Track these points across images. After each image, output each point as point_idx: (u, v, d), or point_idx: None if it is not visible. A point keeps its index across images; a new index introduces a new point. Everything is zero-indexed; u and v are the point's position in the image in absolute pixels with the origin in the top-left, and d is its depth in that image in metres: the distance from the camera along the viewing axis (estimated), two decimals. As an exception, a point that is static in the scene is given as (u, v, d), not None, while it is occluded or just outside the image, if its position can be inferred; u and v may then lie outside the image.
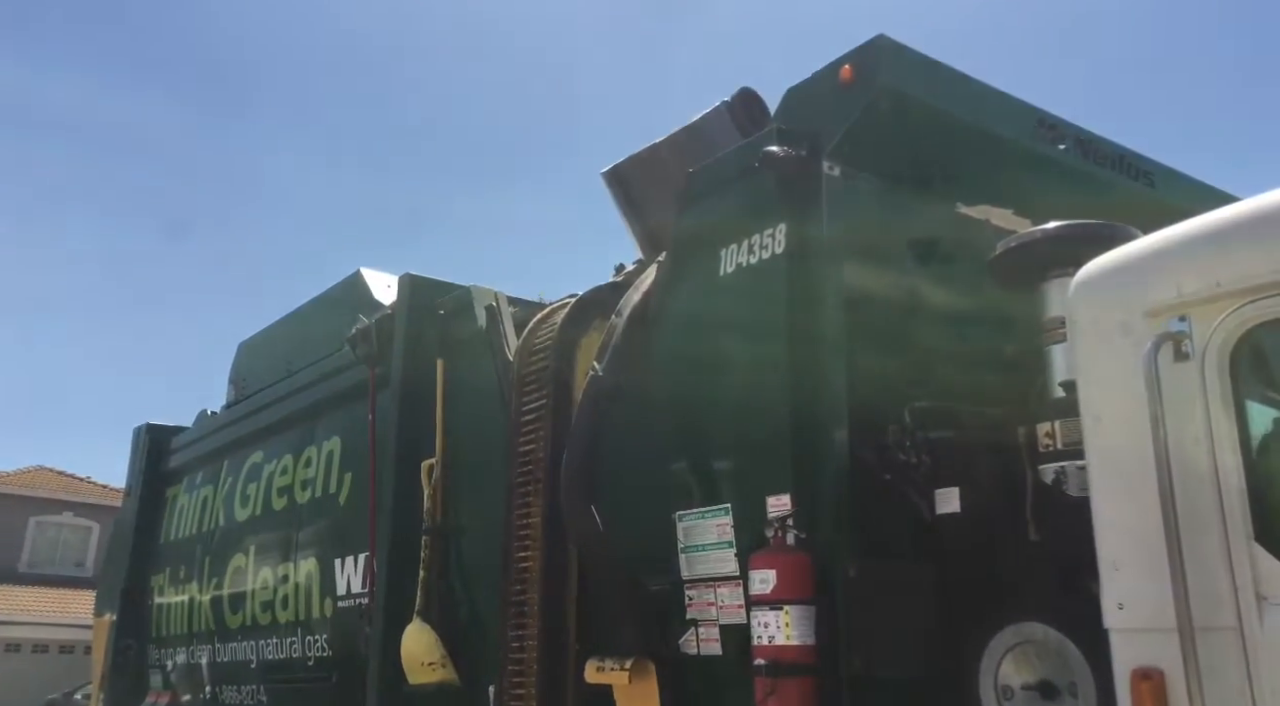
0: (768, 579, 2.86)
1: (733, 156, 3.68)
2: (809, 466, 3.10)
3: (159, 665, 7.05)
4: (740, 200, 3.56)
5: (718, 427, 3.43)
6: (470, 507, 4.70)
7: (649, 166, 4.43)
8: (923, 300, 3.56)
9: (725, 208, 3.63)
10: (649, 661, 3.40)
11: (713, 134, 4.24)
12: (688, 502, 3.43)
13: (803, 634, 2.79)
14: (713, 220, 3.66)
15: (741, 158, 3.58)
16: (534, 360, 4.25)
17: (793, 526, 2.95)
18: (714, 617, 3.25)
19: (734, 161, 3.65)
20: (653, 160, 4.43)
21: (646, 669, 3.39)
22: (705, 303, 3.61)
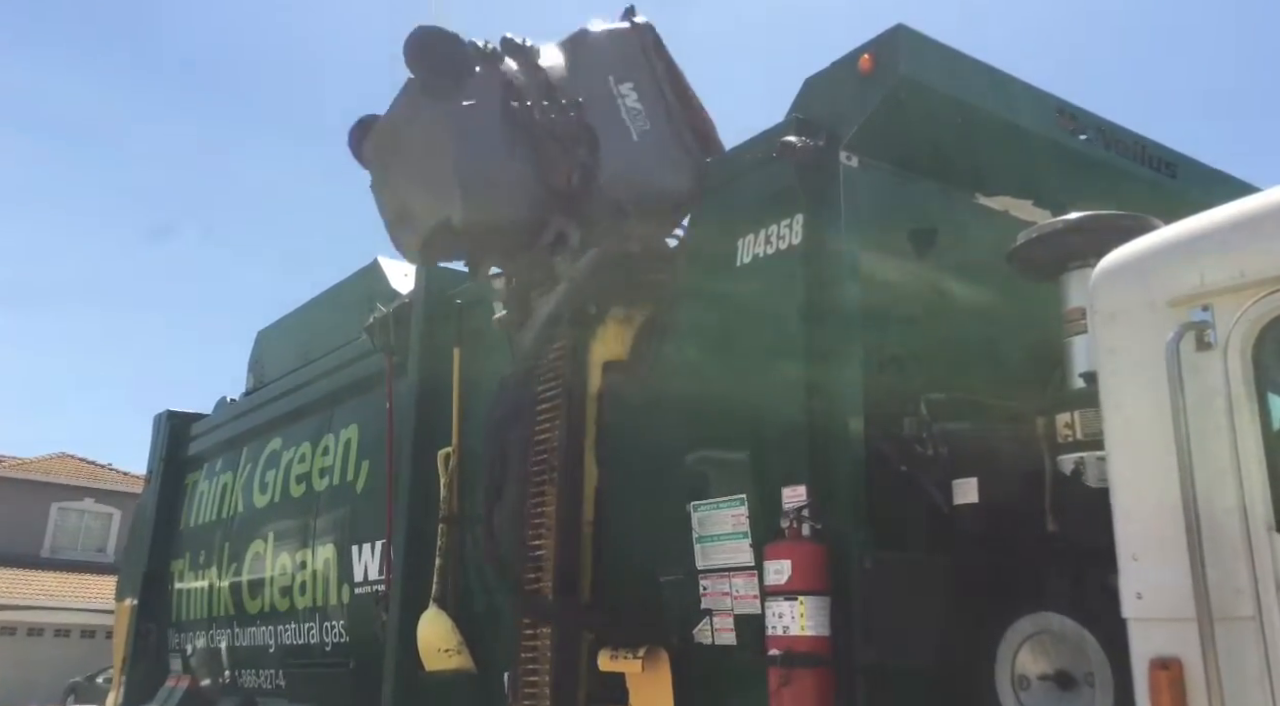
0: (783, 569, 2.86)
1: (751, 145, 3.67)
2: (825, 457, 3.09)
3: (179, 649, 7.12)
4: (757, 190, 3.55)
5: (733, 418, 3.42)
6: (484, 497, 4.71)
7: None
8: (940, 291, 3.54)
9: (742, 198, 3.62)
10: (662, 650, 3.41)
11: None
12: (703, 493, 3.43)
13: (817, 624, 2.79)
14: (730, 210, 3.65)
15: (759, 147, 3.57)
16: (549, 353, 4.22)
17: (808, 517, 2.95)
18: (729, 607, 3.25)
19: (751, 151, 3.64)
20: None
21: (659, 657, 3.40)
22: (722, 294, 3.61)
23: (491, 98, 4.10)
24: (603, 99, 4.26)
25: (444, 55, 4.09)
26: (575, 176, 4.03)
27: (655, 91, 4.36)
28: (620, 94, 4.30)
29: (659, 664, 3.41)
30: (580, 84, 4.27)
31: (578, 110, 4.13)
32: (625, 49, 4.44)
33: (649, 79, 4.39)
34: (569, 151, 4.06)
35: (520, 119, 4.08)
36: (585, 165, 4.04)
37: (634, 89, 4.32)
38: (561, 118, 4.09)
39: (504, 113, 4.08)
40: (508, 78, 4.19)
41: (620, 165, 4.14)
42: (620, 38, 4.49)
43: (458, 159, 4.03)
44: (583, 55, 4.39)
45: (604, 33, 4.50)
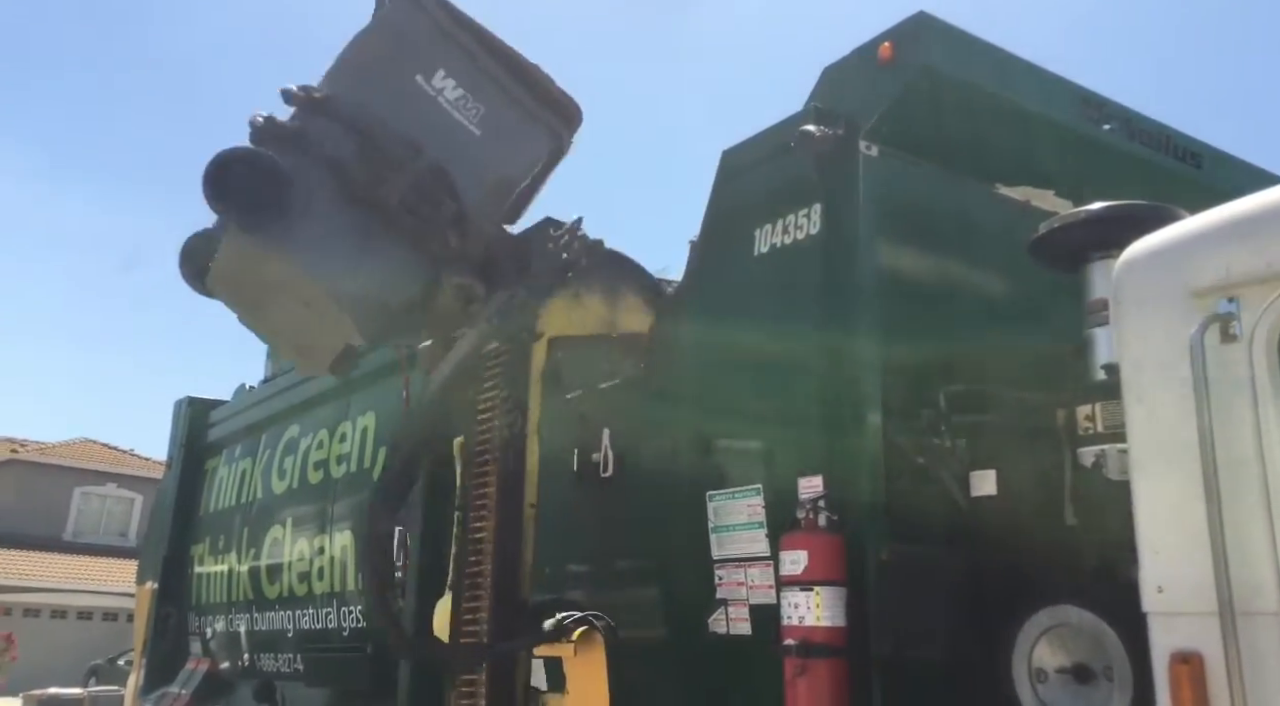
0: (799, 560, 2.86)
1: (769, 134, 3.65)
2: (842, 449, 3.09)
3: (199, 632, 7.18)
4: (775, 179, 3.53)
5: (750, 408, 3.41)
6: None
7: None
8: (959, 283, 3.52)
9: (759, 187, 3.60)
10: (596, 633, 3.41)
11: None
12: (718, 483, 3.43)
13: (833, 615, 2.79)
14: (746, 199, 3.63)
15: (777, 137, 3.54)
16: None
17: (825, 508, 2.94)
18: (744, 597, 3.25)
19: (769, 140, 3.61)
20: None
21: (593, 640, 3.40)
22: (738, 283, 3.59)
23: (324, 195, 3.60)
24: (422, 107, 3.77)
25: (251, 184, 3.50)
26: (451, 235, 3.71)
27: (472, 67, 3.86)
28: (437, 89, 3.80)
29: (593, 646, 3.41)
30: (391, 104, 3.75)
31: (416, 154, 3.67)
32: (417, 38, 3.86)
33: (460, 57, 3.86)
34: (432, 213, 3.68)
35: (369, 200, 3.63)
36: (454, 214, 3.68)
37: (448, 76, 3.82)
38: (407, 177, 3.63)
39: (346, 206, 3.62)
40: (328, 154, 3.63)
41: (478, 173, 3.80)
42: (405, 29, 3.88)
43: (328, 284, 3.67)
44: (375, 70, 3.83)
45: (384, 34, 3.88)
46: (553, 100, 3.96)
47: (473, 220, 3.74)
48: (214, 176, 3.47)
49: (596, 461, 3.98)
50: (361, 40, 3.86)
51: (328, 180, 3.62)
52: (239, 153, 3.52)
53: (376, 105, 3.75)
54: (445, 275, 3.80)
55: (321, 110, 3.69)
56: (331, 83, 3.80)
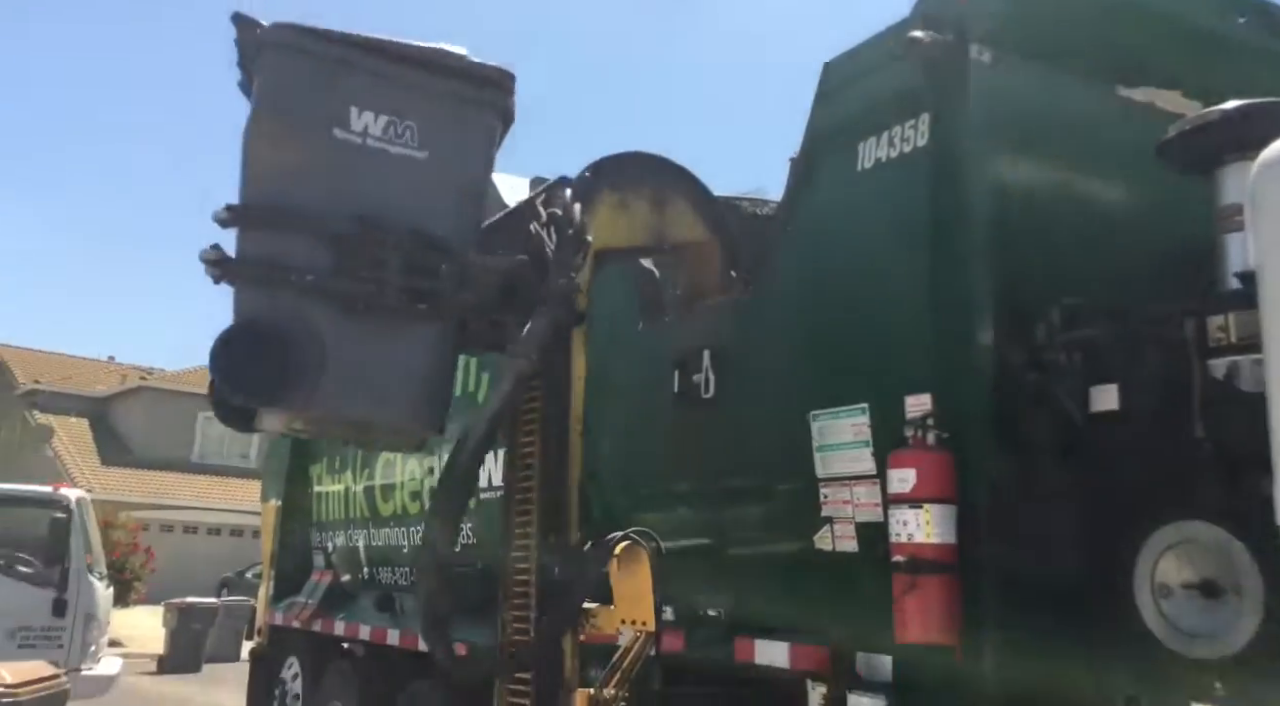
0: (907, 478, 2.84)
1: (873, 44, 3.51)
2: (951, 366, 3.03)
3: (321, 547, 7.59)
4: (880, 91, 3.41)
5: (855, 327, 3.37)
6: (603, 410, 4.79)
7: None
8: (1076, 191, 3.37)
9: (864, 99, 3.49)
10: (639, 548, 3.45)
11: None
12: (822, 402, 3.41)
13: (944, 532, 2.77)
14: (850, 113, 3.52)
15: (882, 45, 3.41)
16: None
17: (933, 425, 2.90)
18: (850, 515, 3.26)
19: (873, 49, 3.48)
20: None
21: (636, 554, 3.45)
22: (842, 200, 3.51)
23: (328, 329, 3.24)
24: (356, 161, 3.28)
25: (256, 363, 3.18)
26: (462, 294, 3.39)
27: (382, 87, 3.35)
28: (361, 132, 3.29)
29: (636, 560, 3.45)
30: (326, 180, 3.27)
31: (387, 233, 3.27)
32: (310, 89, 3.30)
33: (364, 83, 3.33)
34: (434, 285, 3.35)
35: (370, 308, 3.28)
36: (453, 270, 3.35)
37: (363, 110, 3.29)
38: (394, 264, 3.27)
39: (352, 324, 3.26)
40: (312, 284, 3.24)
41: (444, 197, 3.40)
42: (290, 85, 3.31)
43: (370, 413, 3.46)
44: (289, 149, 3.29)
45: (274, 104, 3.31)
46: (478, 75, 3.51)
47: (472, 261, 3.42)
48: (220, 367, 3.19)
49: (698, 383, 4.00)
50: (255, 125, 3.29)
51: (323, 310, 3.25)
52: (232, 335, 3.21)
53: (314, 190, 3.28)
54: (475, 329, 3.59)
55: (266, 223, 3.28)
56: (256, 185, 3.30)
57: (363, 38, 3.38)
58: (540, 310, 3.37)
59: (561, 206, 3.53)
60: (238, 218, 3.26)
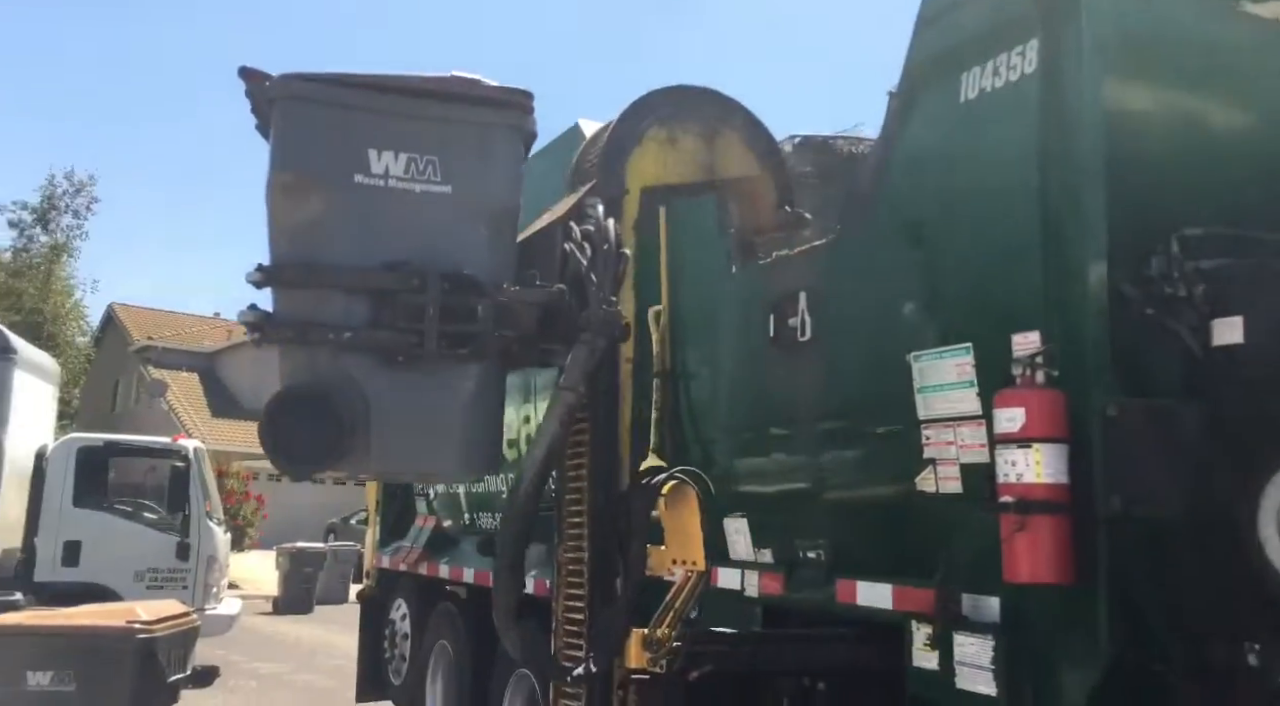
0: (1015, 417, 2.77)
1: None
2: (1061, 302, 2.93)
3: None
4: (984, 17, 3.28)
5: (959, 265, 3.28)
6: (696, 355, 4.80)
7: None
8: (1196, 115, 3.20)
9: (967, 26, 3.35)
10: (685, 486, 3.45)
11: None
12: (923, 342, 3.35)
13: (1055, 472, 2.71)
14: (953, 41, 3.39)
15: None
16: (584, 179, 3.97)
17: (1043, 363, 2.82)
18: (954, 456, 3.21)
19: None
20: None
21: (683, 492, 3.44)
22: (944, 133, 3.40)
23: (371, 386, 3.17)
24: (382, 205, 3.20)
25: (304, 429, 3.12)
26: (503, 332, 3.30)
27: (399, 125, 3.25)
28: (383, 174, 3.19)
29: (683, 498, 3.45)
30: (353, 230, 3.19)
31: (420, 279, 3.17)
32: (327, 136, 3.23)
33: (381, 123, 3.24)
34: (474, 330, 3.25)
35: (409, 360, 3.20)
36: (491, 310, 3.25)
37: (383, 151, 3.19)
38: (432, 312, 3.17)
39: (395, 377, 3.19)
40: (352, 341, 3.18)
41: (475, 230, 3.30)
42: (306, 134, 3.24)
43: (423, 467, 3.50)
44: (313, 199, 3.20)
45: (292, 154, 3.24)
46: (495, 99, 3.40)
47: (509, 297, 3.35)
48: (269, 442, 3.16)
49: (793, 326, 3.96)
50: (274, 182, 3.24)
51: (364, 364, 3.20)
52: (277, 407, 3.18)
53: (341, 242, 3.21)
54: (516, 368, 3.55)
55: (298, 281, 3.23)
56: (283, 243, 3.26)
57: (372, 77, 3.31)
58: (583, 338, 3.32)
59: (594, 224, 3.46)
60: (269, 278, 3.23)
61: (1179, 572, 2.74)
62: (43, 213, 32.33)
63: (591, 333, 3.32)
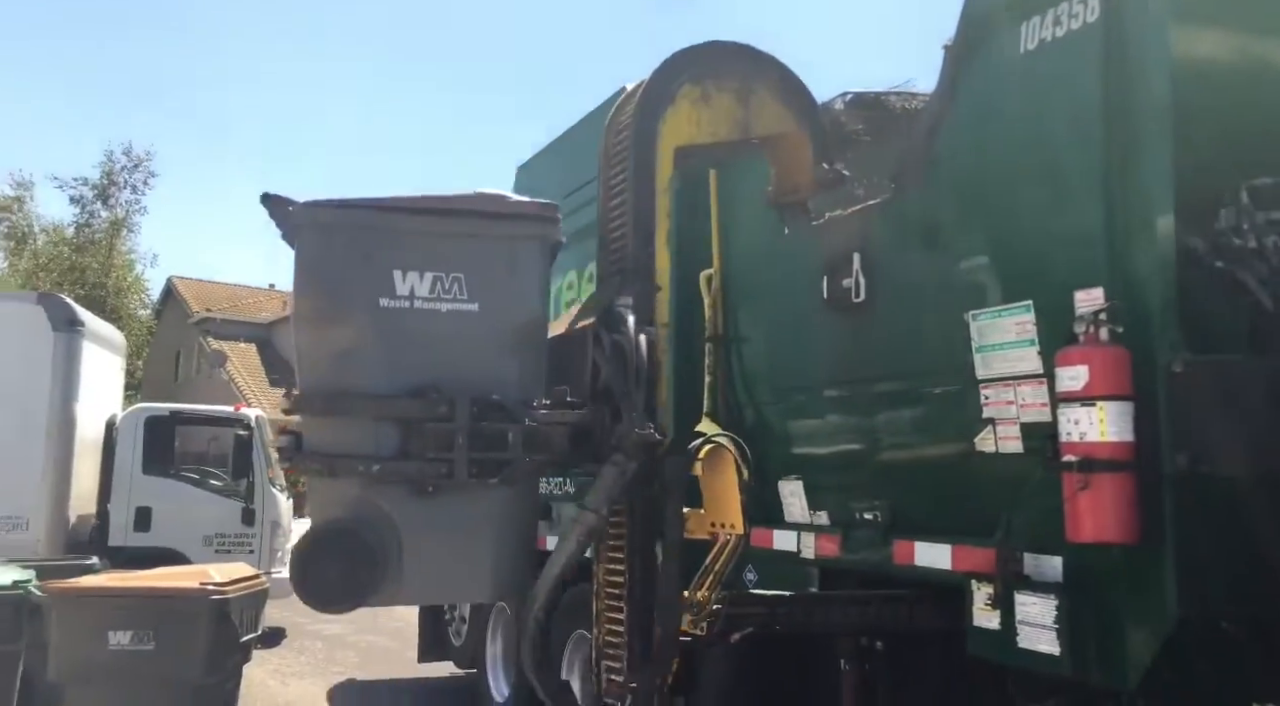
0: (1079, 375, 2.73)
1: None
2: (1125, 257, 2.87)
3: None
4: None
5: (1019, 222, 3.22)
6: (749, 318, 4.79)
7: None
8: (1267, 62, 3.08)
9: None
10: (722, 449, 3.43)
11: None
12: (981, 301, 3.31)
13: (1120, 430, 2.67)
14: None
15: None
16: (618, 139, 3.91)
17: (1107, 320, 2.77)
18: (1014, 416, 3.17)
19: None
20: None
21: (720, 455, 3.42)
22: (1003, 86, 3.32)
23: (402, 517, 3.16)
24: (409, 326, 3.18)
25: (337, 567, 3.11)
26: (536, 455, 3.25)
27: (422, 245, 3.22)
28: (408, 296, 3.17)
29: (720, 461, 3.44)
30: (380, 352, 3.18)
31: (449, 405, 3.14)
32: (349, 262, 3.21)
33: (403, 244, 3.22)
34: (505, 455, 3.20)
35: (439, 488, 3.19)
36: (523, 434, 3.20)
37: (407, 272, 3.17)
38: (461, 439, 3.14)
39: (425, 505, 3.17)
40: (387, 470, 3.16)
41: (503, 346, 3.27)
42: (329, 260, 3.23)
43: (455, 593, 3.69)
44: (337, 323, 3.20)
45: (317, 282, 3.25)
46: (519, 213, 3.41)
47: (540, 422, 3.29)
48: (300, 585, 3.13)
49: (848, 287, 3.93)
50: (300, 311, 3.27)
51: (394, 494, 3.17)
52: (307, 549, 3.17)
53: (368, 369, 3.20)
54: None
55: (326, 410, 3.23)
56: (311, 371, 3.27)
57: (395, 200, 3.32)
58: (614, 459, 3.30)
59: (623, 334, 3.39)
60: (298, 406, 3.25)
61: (1246, 530, 2.69)
62: (103, 188, 33.02)
63: (623, 455, 3.29)
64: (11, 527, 9.28)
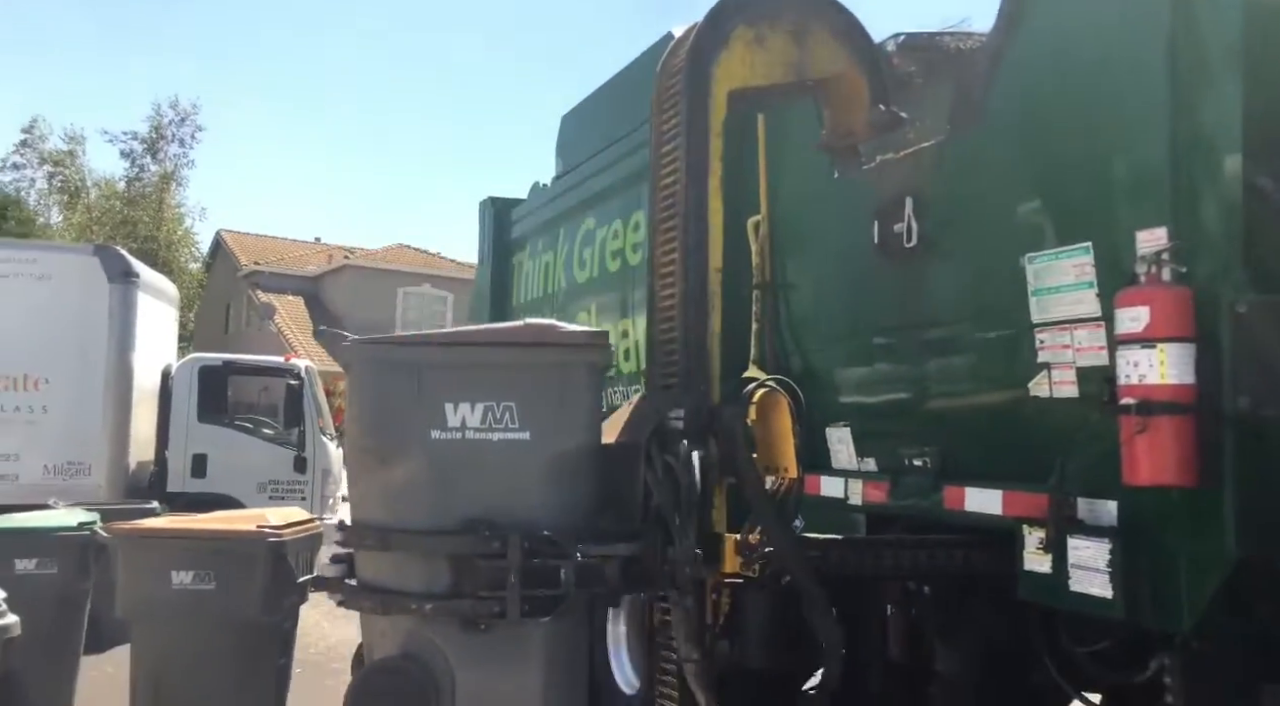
0: (1139, 317, 2.68)
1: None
2: (1191, 196, 2.80)
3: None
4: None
5: (1080, 162, 3.14)
6: (797, 265, 4.74)
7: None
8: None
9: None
10: (776, 394, 3.43)
11: None
12: (1038, 243, 3.25)
13: (1180, 372, 2.62)
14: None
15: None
16: (671, 83, 3.85)
17: (1169, 260, 2.71)
18: (1070, 360, 3.13)
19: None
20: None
21: (775, 401, 3.41)
22: (1064, 22, 3.22)
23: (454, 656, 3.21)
24: (459, 455, 3.22)
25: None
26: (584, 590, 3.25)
27: (470, 378, 3.25)
28: (459, 427, 3.20)
29: (774, 406, 3.43)
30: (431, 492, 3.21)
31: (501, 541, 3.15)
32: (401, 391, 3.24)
33: (450, 378, 3.24)
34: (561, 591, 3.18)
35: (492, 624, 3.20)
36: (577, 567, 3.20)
37: (458, 403, 3.20)
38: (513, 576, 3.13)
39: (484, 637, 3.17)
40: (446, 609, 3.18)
41: (556, 474, 3.29)
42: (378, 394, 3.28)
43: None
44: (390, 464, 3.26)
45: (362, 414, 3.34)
46: (568, 341, 3.43)
47: (592, 555, 3.28)
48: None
49: (899, 232, 3.88)
50: (352, 447, 3.36)
51: (446, 630, 3.18)
52: (362, 687, 3.24)
53: (420, 503, 3.23)
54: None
55: (379, 545, 3.28)
56: (363, 506, 3.35)
57: (446, 334, 3.42)
58: (672, 598, 3.29)
59: (677, 456, 3.32)
60: (350, 539, 3.31)
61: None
62: (152, 142, 33.39)
63: (679, 591, 3.28)
64: (75, 472, 9.61)
